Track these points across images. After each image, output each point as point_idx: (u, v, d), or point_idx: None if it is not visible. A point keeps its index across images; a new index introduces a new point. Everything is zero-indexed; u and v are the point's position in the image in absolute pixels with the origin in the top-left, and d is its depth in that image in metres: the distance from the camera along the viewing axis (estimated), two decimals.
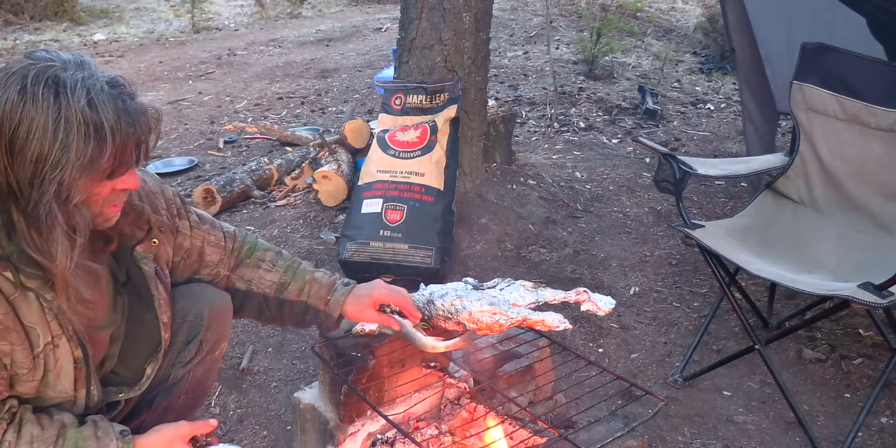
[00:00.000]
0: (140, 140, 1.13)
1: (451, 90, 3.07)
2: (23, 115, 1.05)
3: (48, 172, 1.06)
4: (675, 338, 2.61)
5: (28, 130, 1.05)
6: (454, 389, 1.77)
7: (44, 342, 1.19)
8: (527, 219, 3.36)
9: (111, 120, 1.08)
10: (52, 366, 1.21)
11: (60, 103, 1.05)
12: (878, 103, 2.36)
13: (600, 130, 4.71)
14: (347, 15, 9.01)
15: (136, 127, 1.12)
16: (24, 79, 1.06)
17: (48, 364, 1.21)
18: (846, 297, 1.83)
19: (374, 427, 1.65)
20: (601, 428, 1.51)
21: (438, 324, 1.49)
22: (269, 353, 2.50)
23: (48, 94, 1.05)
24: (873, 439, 2.12)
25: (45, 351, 1.19)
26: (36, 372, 1.20)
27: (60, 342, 1.21)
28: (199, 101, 5.46)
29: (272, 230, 3.23)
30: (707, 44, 6.94)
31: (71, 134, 1.05)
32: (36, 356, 1.19)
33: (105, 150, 1.08)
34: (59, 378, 1.23)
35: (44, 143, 1.05)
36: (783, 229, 2.44)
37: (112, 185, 1.16)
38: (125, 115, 1.10)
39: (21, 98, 1.05)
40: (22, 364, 1.18)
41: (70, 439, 1.19)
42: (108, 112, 1.08)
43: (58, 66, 1.09)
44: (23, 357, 1.17)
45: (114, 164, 1.11)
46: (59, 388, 1.24)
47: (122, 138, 1.10)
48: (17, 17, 8.08)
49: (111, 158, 1.10)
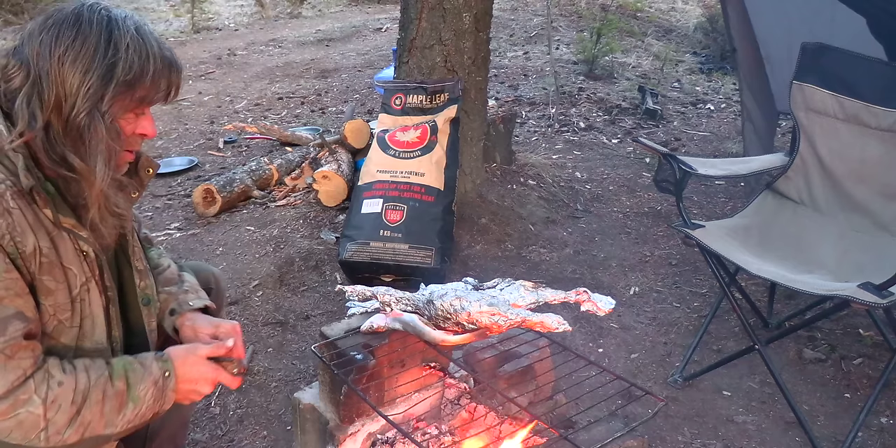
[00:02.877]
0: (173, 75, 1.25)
1: (451, 90, 3.07)
2: (78, 33, 1.16)
3: (94, 84, 1.16)
4: (675, 338, 2.61)
5: (82, 45, 1.15)
6: (454, 389, 1.77)
7: (79, 283, 1.25)
8: (527, 219, 3.37)
9: (154, 47, 1.21)
10: (88, 310, 1.28)
11: (112, 27, 1.18)
12: (878, 103, 2.36)
13: (600, 130, 4.71)
14: (347, 15, 9.01)
15: (172, 63, 1.24)
16: (79, 7, 1.19)
17: (84, 309, 1.27)
18: (846, 297, 1.83)
19: (374, 427, 1.65)
20: (601, 428, 1.51)
21: (438, 324, 1.48)
22: (269, 353, 2.50)
23: (101, 18, 1.18)
24: (873, 439, 2.12)
25: (80, 293, 1.26)
26: (75, 317, 1.26)
27: (91, 286, 1.28)
28: (199, 101, 5.46)
29: (272, 230, 3.23)
30: (707, 44, 6.94)
31: (119, 52, 1.17)
32: (73, 298, 1.25)
33: (147, 72, 1.19)
34: (94, 326, 1.30)
35: (95, 58, 1.15)
36: (783, 229, 2.44)
37: (134, 127, 1.25)
38: (166, 50, 1.24)
39: (77, 19, 1.17)
40: (64, 307, 1.24)
41: (117, 364, 1.27)
42: (152, 42, 1.21)
43: (107, 4, 1.22)
44: (63, 298, 1.24)
45: (147, 93, 1.21)
46: (95, 337, 1.30)
47: (162, 66, 1.21)
48: (17, 17, 8.08)
49: (148, 85, 1.20)
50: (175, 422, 1.71)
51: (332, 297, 2.81)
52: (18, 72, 1.17)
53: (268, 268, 2.95)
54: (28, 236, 1.17)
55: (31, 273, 1.19)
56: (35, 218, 1.18)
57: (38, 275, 1.19)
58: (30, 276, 1.19)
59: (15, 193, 1.15)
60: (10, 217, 1.14)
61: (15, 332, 1.16)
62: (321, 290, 2.87)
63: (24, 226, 1.16)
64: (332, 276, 2.95)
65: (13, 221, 1.14)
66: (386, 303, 1.55)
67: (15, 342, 1.16)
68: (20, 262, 1.16)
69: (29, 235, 1.17)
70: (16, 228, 1.15)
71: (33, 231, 1.17)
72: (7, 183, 1.15)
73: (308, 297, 2.83)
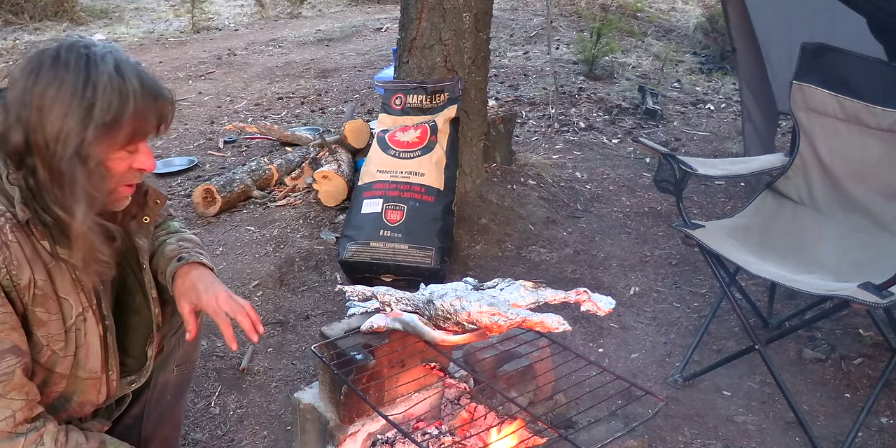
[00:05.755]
0: (159, 110, 1.22)
1: (451, 90, 3.07)
2: (55, 77, 1.14)
3: (73, 129, 1.13)
4: (675, 338, 2.61)
5: (58, 89, 1.13)
6: (454, 389, 1.78)
7: (75, 314, 1.25)
8: (527, 219, 3.37)
9: (135, 85, 1.18)
10: (83, 340, 1.28)
11: (90, 67, 1.15)
12: (878, 103, 2.36)
13: (600, 130, 4.71)
14: (347, 15, 9.01)
15: (157, 95, 1.21)
16: (58, 49, 1.17)
17: (79, 339, 1.27)
18: (846, 297, 1.83)
19: (374, 427, 1.65)
20: (601, 428, 1.51)
21: (438, 324, 1.48)
22: (269, 353, 2.50)
23: (79, 59, 1.15)
24: (873, 439, 2.12)
25: (76, 323, 1.26)
26: (69, 346, 1.26)
27: (88, 315, 1.27)
28: (199, 101, 5.46)
29: (272, 230, 3.23)
30: (707, 44, 6.94)
31: (97, 94, 1.14)
32: (68, 329, 1.25)
33: (127, 111, 1.16)
34: (89, 355, 1.30)
35: (72, 102, 1.13)
36: (783, 229, 2.44)
37: (129, 163, 1.23)
38: (148, 83, 1.20)
39: (54, 62, 1.15)
40: (57, 337, 1.24)
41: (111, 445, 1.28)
42: (132, 79, 1.18)
43: (88, 42, 1.20)
44: (56, 329, 1.23)
45: (133, 130, 1.19)
46: (89, 366, 1.30)
47: (144, 103, 1.18)
48: (17, 17, 8.07)
49: (131, 122, 1.17)
50: (168, 425, 1.71)
51: (332, 297, 2.81)
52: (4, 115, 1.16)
53: (268, 268, 2.95)
54: (24, 269, 1.16)
55: (24, 304, 1.18)
56: (32, 250, 1.18)
57: (31, 306, 1.19)
58: (22, 308, 1.18)
59: (14, 226, 1.15)
60: (7, 250, 1.14)
61: (8, 367, 1.15)
62: (321, 290, 2.87)
63: (21, 259, 1.16)
64: (332, 276, 2.95)
65: (10, 255, 1.14)
66: (386, 303, 1.55)
67: (7, 379, 1.15)
68: (14, 295, 1.16)
69: (25, 268, 1.16)
70: (12, 262, 1.14)
71: (30, 264, 1.17)
72: (6, 215, 1.15)
73: (308, 297, 2.83)
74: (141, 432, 1.62)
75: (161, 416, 1.65)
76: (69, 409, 1.34)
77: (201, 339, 2.29)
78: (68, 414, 1.35)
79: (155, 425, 1.65)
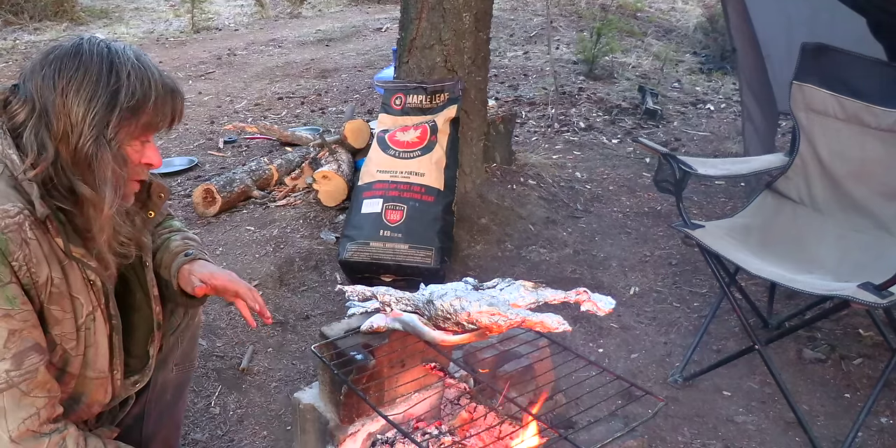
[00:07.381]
0: (175, 101, 1.26)
1: (451, 90, 3.07)
2: (80, 64, 1.17)
3: (99, 111, 1.16)
4: (675, 338, 2.61)
5: (84, 75, 1.17)
6: (454, 389, 1.78)
7: (86, 313, 1.26)
8: (527, 219, 3.37)
9: (155, 74, 1.23)
10: (92, 339, 1.29)
11: (112, 56, 1.19)
12: (878, 103, 2.36)
13: (600, 130, 4.71)
14: (347, 15, 9.00)
15: (174, 89, 1.26)
16: (77, 42, 1.21)
17: (88, 338, 1.28)
18: (846, 297, 1.83)
19: (374, 427, 1.65)
20: (601, 428, 1.51)
21: (438, 324, 1.48)
22: (269, 353, 2.50)
23: (101, 50, 1.20)
24: (873, 439, 2.12)
25: (86, 322, 1.27)
26: (79, 345, 1.27)
27: (97, 314, 1.29)
28: (199, 101, 5.46)
29: (272, 230, 3.23)
30: (707, 44, 6.94)
31: (122, 79, 1.18)
32: (79, 328, 1.26)
33: (149, 98, 1.20)
34: (98, 355, 1.31)
35: (98, 86, 1.17)
36: (783, 229, 2.44)
37: (139, 156, 1.26)
38: (166, 77, 1.25)
39: (76, 52, 1.18)
40: (69, 336, 1.25)
41: None
42: (153, 69, 1.23)
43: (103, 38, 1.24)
44: (69, 328, 1.25)
45: (150, 119, 1.22)
46: (97, 366, 1.32)
47: (164, 94, 1.23)
48: (17, 17, 8.06)
49: (151, 111, 1.21)
50: (168, 424, 1.71)
51: (332, 297, 2.81)
52: (23, 107, 1.18)
53: (268, 268, 2.95)
54: (42, 267, 1.17)
55: (41, 302, 1.19)
56: (49, 248, 1.19)
57: (47, 304, 1.20)
58: (39, 305, 1.19)
59: (32, 223, 1.16)
60: (27, 248, 1.15)
61: (31, 365, 1.16)
62: (321, 290, 2.87)
63: (39, 256, 1.17)
64: (332, 276, 2.95)
65: (30, 252, 1.15)
66: (386, 303, 1.55)
67: (31, 377, 1.16)
68: (33, 293, 1.17)
69: (43, 266, 1.18)
70: (32, 259, 1.15)
71: (47, 261, 1.18)
72: (25, 213, 1.15)
73: (308, 297, 2.83)
74: (141, 432, 1.62)
75: (161, 416, 1.65)
76: (78, 410, 1.34)
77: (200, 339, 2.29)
78: (77, 416, 1.35)
79: (155, 425, 1.65)
